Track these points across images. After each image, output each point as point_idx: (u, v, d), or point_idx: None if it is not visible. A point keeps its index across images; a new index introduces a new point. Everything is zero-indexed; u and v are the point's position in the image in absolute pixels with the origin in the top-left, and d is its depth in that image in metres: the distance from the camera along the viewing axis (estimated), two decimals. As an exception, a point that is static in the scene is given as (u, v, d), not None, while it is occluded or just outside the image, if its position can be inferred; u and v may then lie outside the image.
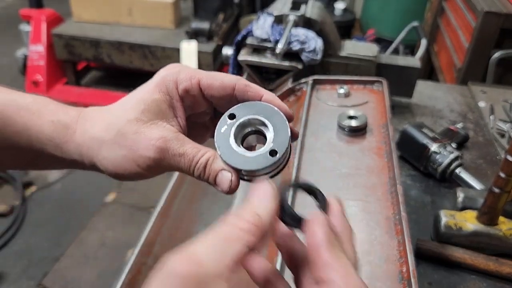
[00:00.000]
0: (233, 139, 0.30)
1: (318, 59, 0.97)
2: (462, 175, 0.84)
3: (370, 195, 0.61)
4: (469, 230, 0.70)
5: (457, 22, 1.76)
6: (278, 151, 0.29)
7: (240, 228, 0.26)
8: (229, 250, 0.25)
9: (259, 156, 0.29)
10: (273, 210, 0.28)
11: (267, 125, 0.30)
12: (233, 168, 0.30)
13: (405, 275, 0.49)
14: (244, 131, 0.30)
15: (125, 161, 0.32)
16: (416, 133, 0.89)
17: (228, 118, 0.30)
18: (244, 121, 0.30)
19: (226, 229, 0.26)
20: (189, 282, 0.24)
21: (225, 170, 0.31)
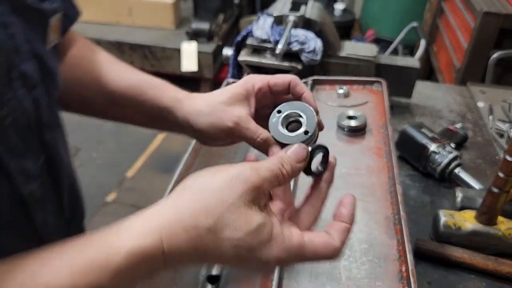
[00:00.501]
0: (280, 126, 0.44)
1: (318, 59, 0.97)
2: (461, 175, 0.84)
3: (369, 195, 0.61)
4: (468, 229, 0.70)
5: (456, 23, 1.77)
6: (309, 131, 0.43)
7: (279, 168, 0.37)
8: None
9: (297, 135, 0.43)
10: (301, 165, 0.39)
11: (302, 115, 0.45)
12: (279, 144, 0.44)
13: (405, 274, 0.49)
14: (287, 120, 0.45)
15: (213, 126, 0.48)
16: (415, 133, 0.89)
17: (277, 113, 0.45)
18: (287, 114, 0.45)
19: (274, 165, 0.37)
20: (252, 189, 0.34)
21: (275, 144, 0.44)
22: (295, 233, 0.36)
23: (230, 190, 0.33)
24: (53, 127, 0.46)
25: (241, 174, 0.34)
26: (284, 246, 0.34)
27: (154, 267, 0.32)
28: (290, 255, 0.34)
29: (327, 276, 0.50)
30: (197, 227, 0.32)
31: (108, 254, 0.31)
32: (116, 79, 0.56)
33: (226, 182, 0.34)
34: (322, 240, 0.36)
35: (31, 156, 0.41)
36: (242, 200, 0.33)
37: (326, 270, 0.51)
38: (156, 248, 0.32)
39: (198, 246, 0.32)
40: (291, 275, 0.50)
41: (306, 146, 0.40)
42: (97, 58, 0.58)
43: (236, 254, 0.33)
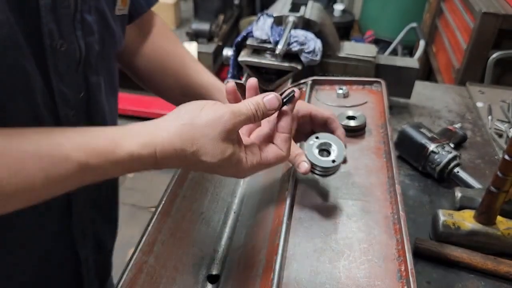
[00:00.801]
0: (314, 148, 0.56)
1: (318, 59, 0.97)
2: (460, 175, 0.85)
3: (368, 194, 0.61)
4: (467, 229, 0.71)
5: (455, 23, 1.77)
6: (336, 161, 0.55)
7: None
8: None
9: (326, 161, 0.55)
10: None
11: (333, 146, 0.56)
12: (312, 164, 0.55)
13: (404, 274, 0.49)
14: (321, 146, 0.56)
15: None
16: (415, 133, 0.90)
17: (315, 138, 0.57)
18: (322, 142, 0.57)
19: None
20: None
21: (304, 161, 0.55)
22: (256, 155, 0.48)
23: (211, 128, 0.43)
24: (99, 74, 0.55)
25: (222, 118, 0.43)
26: (247, 167, 0.47)
27: (146, 167, 0.44)
28: (252, 169, 0.48)
29: (326, 275, 0.50)
30: (184, 150, 0.43)
31: (115, 147, 0.41)
32: (192, 75, 0.69)
33: (209, 121, 0.43)
34: (273, 155, 0.49)
35: (73, 87, 0.51)
36: (220, 137, 0.43)
37: (325, 269, 0.51)
38: (151, 157, 0.43)
39: (183, 161, 0.44)
40: (291, 274, 0.50)
41: (280, 98, 0.48)
42: (178, 53, 0.71)
43: (212, 170, 0.46)
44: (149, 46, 0.70)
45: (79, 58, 0.50)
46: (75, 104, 0.52)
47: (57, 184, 0.40)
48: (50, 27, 0.45)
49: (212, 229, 0.68)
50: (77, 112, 0.53)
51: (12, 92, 0.43)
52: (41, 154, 0.38)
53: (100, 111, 0.57)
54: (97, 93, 0.56)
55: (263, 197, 0.69)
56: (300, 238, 0.55)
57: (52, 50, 0.46)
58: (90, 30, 0.50)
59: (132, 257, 0.53)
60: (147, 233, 0.57)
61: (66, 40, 0.47)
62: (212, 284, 0.60)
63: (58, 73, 0.48)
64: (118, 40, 0.58)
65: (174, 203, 0.63)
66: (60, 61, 0.47)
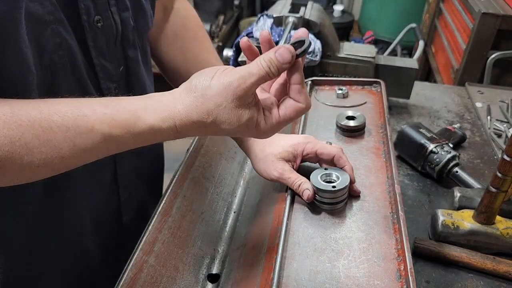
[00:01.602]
0: (319, 176, 0.59)
1: (317, 60, 0.98)
2: (459, 175, 0.85)
3: (368, 194, 0.61)
4: (466, 229, 0.71)
5: (455, 24, 1.78)
6: (336, 187, 0.57)
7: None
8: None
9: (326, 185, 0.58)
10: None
11: (339, 177, 0.59)
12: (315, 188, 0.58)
13: (403, 273, 0.49)
14: (327, 176, 0.60)
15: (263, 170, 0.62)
16: (414, 133, 0.90)
17: (324, 169, 0.60)
18: (328, 172, 0.60)
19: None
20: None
21: (307, 189, 0.58)
22: (274, 115, 0.47)
23: (223, 97, 0.43)
24: (135, 48, 0.58)
25: (232, 85, 0.43)
26: (266, 128, 0.47)
27: (167, 138, 0.45)
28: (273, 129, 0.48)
29: (326, 274, 0.50)
30: (201, 122, 0.44)
31: (136, 120, 0.43)
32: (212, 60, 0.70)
33: (219, 90, 0.43)
34: (292, 109, 0.47)
35: (113, 61, 0.54)
36: (234, 104, 0.43)
37: (325, 268, 0.51)
38: (171, 130, 0.44)
39: (203, 130, 0.45)
40: (291, 274, 0.51)
41: (292, 49, 0.45)
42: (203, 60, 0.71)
43: (233, 134, 0.47)
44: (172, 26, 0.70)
45: (115, 33, 0.53)
46: (117, 78, 0.56)
47: (84, 153, 0.41)
48: (86, 3, 0.48)
49: (213, 229, 0.68)
50: (119, 85, 0.56)
51: (61, 66, 0.47)
52: (68, 125, 0.40)
53: (140, 84, 0.60)
54: (135, 66, 0.59)
55: (263, 197, 0.69)
56: (300, 238, 0.55)
57: (90, 26, 0.49)
58: (125, 6, 0.53)
59: (132, 257, 0.53)
60: (147, 233, 0.57)
61: (102, 16, 0.50)
62: (212, 283, 0.60)
63: (97, 48, 0.51)
64: (149, 19, 0.60)
65: (174, 203, 0.64)
66: (98, 37, 0.51)
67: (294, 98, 0.48)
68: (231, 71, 0.44)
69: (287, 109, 0.47)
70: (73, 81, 0.49)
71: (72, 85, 0.49)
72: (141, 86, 0.61)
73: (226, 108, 0.43)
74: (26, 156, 0.38)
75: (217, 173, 0.76)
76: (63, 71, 0.48)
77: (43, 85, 0.46)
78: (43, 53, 0.45)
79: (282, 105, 0.48)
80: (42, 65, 0.45)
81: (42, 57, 0.45)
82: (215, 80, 0.43)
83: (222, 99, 0.43)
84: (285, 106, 0.48)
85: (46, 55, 0.45)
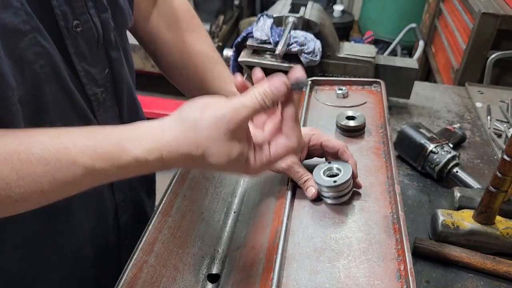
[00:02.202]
0: (322, 170, 0.60)
1: (317, 60, 0.98)
2: (459, 175, 0.85)
3: (368, 194, 0.61)
4: (466, 229, 0.71)
5: (455, 24, 1.78)
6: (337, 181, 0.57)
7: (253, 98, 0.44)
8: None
9: (328, 181, 0.58)
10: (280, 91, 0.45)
11: (341, 171, 0.59)
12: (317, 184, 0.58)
13: (403, 273, 0.49)
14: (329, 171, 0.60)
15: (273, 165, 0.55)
16: (414, 133, 0.90)
17: (327, 162, 0.61)
18: (331, 166, 0.60)
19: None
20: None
21: (312, 186, 0.58)
22: (265, 153, 0.46)
23: (215, 130, 0.42)
24: (118, 49, 0.56)
25: (225, 117, 0.42)
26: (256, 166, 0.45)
27: (153, 170, 0.43)
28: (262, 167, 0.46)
29: (326, 274, 0.50)
30: (190, 154, 0.42)
31: (121, 152, 0.41)
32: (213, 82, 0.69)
33: (212, 122, 0.42)
34: (283, 148, 0.47)
35: (97, 65, 0.52)
36: (225, 137, 0.42)
37: (325, 268, 0.51)
38: (157, 162, 0.42)
39: (190, 163, 0.44)
40: (290, 274, 0.51)
41: (288, 82, 0.44)
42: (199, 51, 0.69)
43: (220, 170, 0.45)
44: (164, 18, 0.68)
45: (97, 36, 0.51)
46: (102, 82, 0.54)
47: (65, 187, 0.40)
48: (62, 9, 0.45)
49: (212, 229, 0.68)
50: (105, 89, 0.55)
51: (43, 76, 0.45)
52: (48, 158, 0.38)
53: (125, 86, 0.59)
54: (120, 68, 0.57)
55: (263, 197, 0.69)
56: (300, 238, 0.55)
57: (69, 32, 0.47)
58: (103, 7, 0.51)
59: (132, 257, 0.53)
60: (147, 233, 0.57)
61: (81, 20, 0.48)
62: (213, 283, 0.60)
63: (79, 54, 0.49)
64: (127, 17, 0.58)
65: (174, 203, 0.64)
66: (79, 42, 0.48)
67: (286, 135, 0.46)
68: (224, 102, 0.43)
69: (278, 148, 0.46)
70: (58, 90, 0.48)
71: (57, 95, 0.48)
72: (127, 86, 0.60)
73: (217, 141, 0.42)
74: (3, 191, 0.36)
75: (217, 173, 0.76)
76: (46, 81, 0.45)
77: (25, 98, 0.44)
78: (23, 65, 0.42)
79: (274, 143, 0.47)
80: (23, 77, 0.43)
81: (22, 69, 0.42)
82: (207, 111, 0.42)
83: (213, 132, 0.41)
84: (276, 145, 0.47)
85: (26, 66, 0.43)
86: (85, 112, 0.52)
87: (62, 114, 0.49)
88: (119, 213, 0.66)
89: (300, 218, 0.58)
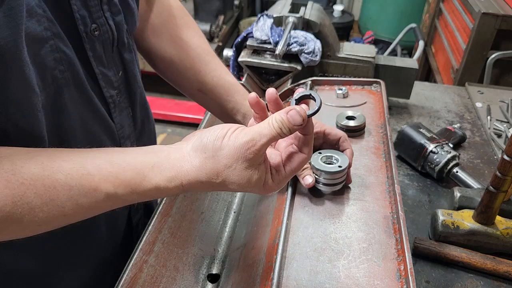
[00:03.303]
0: (319, 159, 0.62)
1: (317, 60, 0.98)
2: (459, 175, 0.85)
3: (368, 194, 0.61)
4: (466, 229, 0.71)
5: (455, 24, 1.78)
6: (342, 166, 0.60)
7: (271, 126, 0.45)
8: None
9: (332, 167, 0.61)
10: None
11: (337, 157, 0.62)
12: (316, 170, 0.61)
13: (403, 273, 0.50)
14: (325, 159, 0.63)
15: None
16: (414, 133, 0.90)
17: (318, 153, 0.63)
18: (326, 155, 0.63)
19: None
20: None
21: (309, 175, 0.61)
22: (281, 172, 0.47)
23: (234, 160, 0.43)
24: (130, 51, 0.58)
25: (243, 148, 0.43)
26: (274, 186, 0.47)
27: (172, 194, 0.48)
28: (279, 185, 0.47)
29: (326, 274, 0.50)
30: (210, 182, 0.44)
31: (142, 180, 0.43)
32: (210, 73, 0.69)
33: (231, 153, 0.43)
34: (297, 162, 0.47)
35: (112, 68, 0.54)
36: (243, 166, 0.43)
37: (325, 268, 0.51)
38: (177, 189, 0.44)
39: (210, 188, 0.46)
40: (290, 274, 0.51)
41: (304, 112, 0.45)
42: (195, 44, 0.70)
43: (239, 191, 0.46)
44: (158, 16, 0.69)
45: (112, 39, 0.52)
46: (117, 84, 0.55)
47: (87, 211, 0.41)
48: (81, 13, 0.47)
49: (212, 229, 0.68)
50: (119, 91, 0.56)
51: (63, 81, 0.46)
52: (72, 184, 0.39)
53: (138, 88, 0.61)
54: (133, 69, 0.59)
55: (263, 197, 0.69)
56: (300, 238, 0.55)
57: (88, 36, 0.48)
58: (117, 9, 0.52)
59: (132, 257, 0.53)
60: (147, 233, 0.57)
61: (98, 23, 0.49)
62: (212, 283, 0.60)
63: (97, 58, 0.51)
64: (136, 18, 0.59)
65: (174, 203, 0.64)
66: (96, 45, 0.50)
67: (299, 147, 0.47)
68: (242, 131, 0.44)
69: (293, 164, 0.47)
70: (77, 94, 0.49)
71: (77, 99, 0.49)
72: (139, 87, 0.61)
73: (236, 169, 0.43)
74: (28, 216, 0.37)
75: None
76: (66, 86, 0.47)
77: (47, 104, 0.45)
78: (45, 71, 0.44)
79: (288, 160, 0.48)
80: (44, 83, 0.44)
81: (44, 76, 0.44)
82: (226, 141, 0.43)
83: (232, 161, 0.43)
84: (291, 162, 0.47)
85: (47, 72, 0.44)
86: (103, 115, 0.54)
87: (82, 117, 0.50)
88: (132, 213, 0.67)
89: (300, 218, 0.58)
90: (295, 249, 0.54)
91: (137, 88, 0.61)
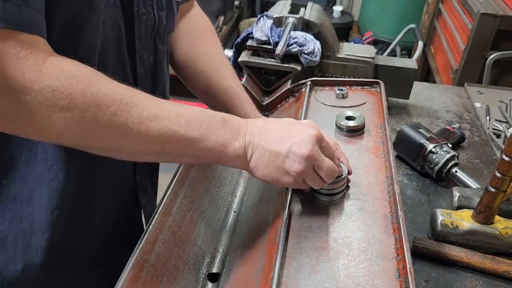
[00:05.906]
0: None
1: (317, 60, 0.98)
2: (458, 175, 0.85)
3: (367, 194, 0.62)
4: (466, 228, 0.71)
5: (454, 24, 1.78)
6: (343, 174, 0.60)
7: None
8: None
9: None
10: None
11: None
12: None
13: (402, 272, 0.50)
14: None
15: None
16: (413, 133, 0.90)
17: None
18: None
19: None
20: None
21: None
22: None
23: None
24: (164, 44, 0.67)
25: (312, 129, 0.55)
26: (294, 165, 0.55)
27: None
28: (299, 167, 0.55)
29: (325, 274, 0.51)
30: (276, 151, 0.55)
31: (215, 142, 0.52)
32: (218, 80, 0.77)
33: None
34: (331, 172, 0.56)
35: (146, 51, 0.63)
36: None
37: (324, 268, 0.51)
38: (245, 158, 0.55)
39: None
40: (290, 273, 0.51)
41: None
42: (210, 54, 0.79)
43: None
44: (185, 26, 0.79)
45: (153, 27, 0.62)
46: (147, 66, 0.64)
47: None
48: None
49: (213, 228, 0.68)
50: (147, 73, 0.65)
51: (110, 45, 0.55)
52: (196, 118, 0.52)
53: (162, 76, 0.69)
54: (162, 59, 0.67)
55: (263, 196, 0.69)
56: (300, 237, 0.55)
57: (138, 17, 0.59)
58: (162, 6, 0.63)
59: (133, 256, 0.54)
60: (148, 232, 0.57)
61: (147, 10, 0.60)
62: (213, 283, 0.60)
63: (139, 37, 0.60)
64: (175, 22, 0.70)
65: (174, 203, 0.64)
66: (141, 27, 0.60)
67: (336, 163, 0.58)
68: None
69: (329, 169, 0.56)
70: (116, 61, 0.57)
71: (116, 63, 0.57)
72: (162, 77, 0.68)
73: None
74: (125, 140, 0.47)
75: (217, 173, 0.77)
76: (111, 50, 0.56)
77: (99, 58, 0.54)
78: (103, 30, 0.52)
79: None
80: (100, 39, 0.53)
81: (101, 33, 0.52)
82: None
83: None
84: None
85: (104, 32, 0.53)
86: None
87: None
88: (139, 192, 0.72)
89: (300, 218, 0.58)
90: (295, 248, 0.54)
91: (161, 78, 0.68)
